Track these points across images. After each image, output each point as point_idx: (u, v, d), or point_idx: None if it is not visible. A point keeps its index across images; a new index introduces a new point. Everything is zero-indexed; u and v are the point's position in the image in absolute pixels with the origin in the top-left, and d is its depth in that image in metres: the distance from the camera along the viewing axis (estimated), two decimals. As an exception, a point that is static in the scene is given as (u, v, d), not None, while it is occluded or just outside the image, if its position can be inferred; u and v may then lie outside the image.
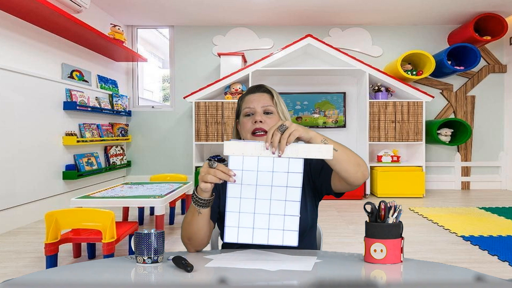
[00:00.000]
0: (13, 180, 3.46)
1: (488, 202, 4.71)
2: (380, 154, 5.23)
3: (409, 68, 5.33)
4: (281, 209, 1.01)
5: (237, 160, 1.01)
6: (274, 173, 1.00)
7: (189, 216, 1.14)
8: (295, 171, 1.00)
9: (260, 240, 1.01)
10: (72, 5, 4.07)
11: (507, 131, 5.69)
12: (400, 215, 1.00)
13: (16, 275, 2.28)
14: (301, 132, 1.00)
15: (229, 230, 1.02)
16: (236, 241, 1.01)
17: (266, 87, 1.31)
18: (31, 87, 3.69)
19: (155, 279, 0.93)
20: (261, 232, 1.01)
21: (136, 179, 5.62)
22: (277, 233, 1.01)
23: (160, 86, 10.30)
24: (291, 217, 1.01)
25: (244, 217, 1.02)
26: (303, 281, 0.87)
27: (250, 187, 1.01)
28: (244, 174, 1.01)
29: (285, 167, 1.00)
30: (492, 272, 2.36)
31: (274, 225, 1.01)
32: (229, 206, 1.02)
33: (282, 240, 1.01)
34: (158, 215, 2.73)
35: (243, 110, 1.28)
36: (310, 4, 4.91)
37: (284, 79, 5.61)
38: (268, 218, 1.01)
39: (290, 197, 1.01)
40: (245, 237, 1.01)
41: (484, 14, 5.14)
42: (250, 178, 1.01)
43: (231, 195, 1.02)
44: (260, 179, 1.01)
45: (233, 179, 1.01)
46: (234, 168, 1.01)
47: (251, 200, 1.01)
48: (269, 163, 1.00)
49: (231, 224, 1.02)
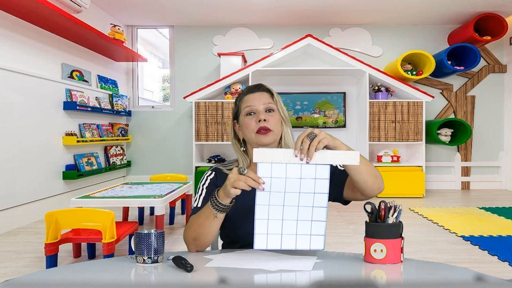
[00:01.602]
0: (13, 180, 3.46)
1: (488, 202, 4.71)
2: (380, 154, 5.23)
3: (409, 68, 5.33)
4: (308, 215, 1.02)
5: (266, 168, 1.01)
6: (302, 179, 1.01)
7: (201, 218, 1.12)
8: (322, 177, 1.01)
9: (288, 246, 1.02)
10: (72, 5, 4.07)
11: (507, 131, 5.69)
12: (400, 215, 1.00)
13: (16, 275, 2.28)
14: (329, 140, 1.02)
15: (259, 237, 1.02)
16: (265, 248, 1.02)
17: (265, 86, 1.31)
18: (31, 87, 3.69)
19: (155, 279, 0.93)
20: (289, 238, 1.02)
21: (136, 179, 5.62)
22: (304, 238, 1.02)
23: (160, 86, 10.30)
24: (318, 222, 1.02)
25: (273, 224, 1.02)
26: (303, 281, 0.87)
27: (278, 194, 1.02)
28: (273, 181, 1.02)
29: (313, 174, 1.01)
30: (492, 272, 2.36)
31: (301, 231, 1.03)
32: (258, 213, 1.02)
33: (310, 245, 1.02)
34: (158, 215, 2.73)
35: (244, 110, 1.27)
36: (310, 4, 4.91)
37: (284, 79, 5.61)
38: (296, 224, 1.02)
39: (317, 203, 1.02)
40: (274, 244, 1.03)
41: (484, 14, 5.13)
42: (279, 185, 1.02)
43: (260, 202, 1.02)
44: (288, 186, 1.02)
45: (262, 187, 1.01)
46: (263, 175, 1.01)
47: (279, 207, 1.02)
48: (297, 170, 1.01)
49: (260, 231, 1.02)
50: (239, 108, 1.30)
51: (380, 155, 5.22)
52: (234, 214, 1.18)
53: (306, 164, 1.01)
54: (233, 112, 1.34)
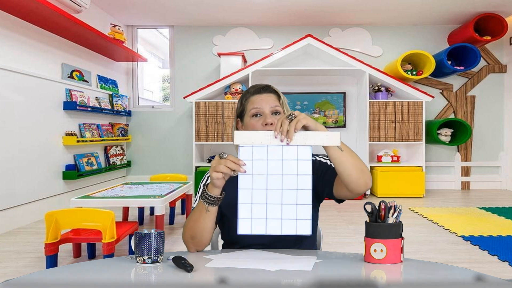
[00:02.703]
0: (13, 180, 3.46)
1: (488, 202, 4.71)
2: (380, 154, 5.23)
3: (409, 68, 5.33)
4: (293, 199, 1.01)
5: (247, 151, 1.01)
6: (284, 161, 1.01)
7: (196, 214, 1.13)
8: (304, 159, 1.00)
9: (273, 231, 1.01)
10: (72, 5, 4.07)
11: (507, 131, 5.69)
12: (400, 215, 1.00)
13: (16, 275, 2.28)
14: (308, 120, 1.01)
15: (243, 222, 1.01)
16: (250, 232, 1.00)
17: (272, 87, 1.29)
18: (31, 87, 3.69)
19: (155, 279, 0.93)
20: (275, 222, 1.01)
21: (136, 179, 5.62)
22: (290, 222, 1.00)
23: (160, 86, 10.30)
24: (304, 206, 1.00)
25: (257, 208, 1.01)
26: (303, 281, 0.87)
27: (261, 177, 1.01)
28: (254, 164, 1.01)
29: (294, 155, 1.00)
30: (492, 272, 2.36)
31: (287, 215, 1.01)
32: (241, 197, 1.01)
33: (296, 229, 1.00)
34: (158, 215, 2.73)
35: (250, 111, 1.25)
36: (310, 4, 4.91)
37: (284, 79, 5.61)
38: (281, 208, 1.01)
39: (301, 186, 1.00)
40: (259, 228, 1.01)
41: (484, 14, 5.13)
42: (261, 168, 1.01)
43: (243, 186, 1.01)
44: (270, 169, 1.01)
45: (243, 169, 1.00)
46: (244, 158, 1.01)
47: (263, 191, 1.01)
48: (278, 152, 1.01)
49: (244, 215, 1.01)
50: (245, 108, 1.28)
51: (380, 155, 5.22)
52: (232, 213, 1.18)
53: (287, 146, 1.00)
54: (237, 110, 1.32)
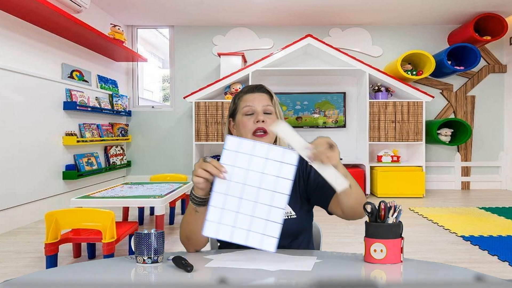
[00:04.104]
0: (13, 180, 3.46)
1: (488, 202, 4.71)
2: (380, 154, 5.23)
3: (409, 68, 5.33)
4: (264, 213, 0.99)
5: (230, 155, 1.00)
6: (264, 175, 0.99)
7: (187, 215, 1.14)
8: (285, 177, 0.99)
9: (238, 240, 0.99)
10: (72, 5, 4.07)
11: (507, 131, 5.69)
12: (400, 215, 1.00)
13: (16, 275, 2.28)
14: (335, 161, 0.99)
15: (209, 224, 1.00)
16: (215, 236, 1.00)
17: (265, 87, 1.31)
18: (31, 87, 3.69)
19: (155, 279, 0.93)
20: (241, 232, 0.99)
21: (136, 179, 5.62)
22: (257, 236, 0.99)
23: (160, 86, 10.30)
24: (274, 224, 0.98)
25: (227, 214, 1.00)
26: (303, 281, 0.87)
27: (237, 185, 1.00)
28: (234, 170, 1.00)
29: (276, 171, 0.99)
30: (492, 272, 2.35)
31: (255, 228, 0.99)
32: (213, 200, 1.00)
33: (261, 244, 0.98)
34: (158, 215, 2.73)
35: (242, 109, 1.26)
36: (310, 4, 4.91)
37: (284, 79, 5.61)
38: (251, 220, 0.99)
39: (276, 203, 0.99)
40: (224, 234, 0.99)
41: (484, 14, 5.14)
42: (239, 176, 1.00)
43: (217, 190, 1.00)
44: (249, 179, 0.99)
45: (223, 176, 0.99)
46: (226, 163, 1.00)
47: (236, 199, 1.00)
48: (260, 163, 0.99)
49: (212, 219, 1.00)
50: (237, 107, 1.30)
51: (380, 155, 5.22)
52: None
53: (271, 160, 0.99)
54: (229, 109, 1.33)
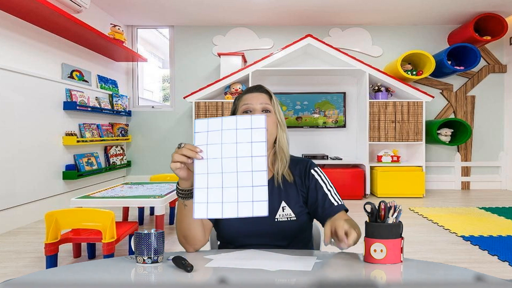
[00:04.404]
0: (13, 180, 3.46)
1: (488, 202, 4.71)
2: (380, 154, 5.23)
3: (409, 68, 5.33)
4: (248, 181, 0.99)
5: (202, 137, 1.01)
6: (238, 144, 1.00)
7: (178, 213, 1.15)
8: (258, 140, 0.99)
9: (230, 214, 0.99)
10: (72, 5, 4.07)
11: (507, 131, 5.69)
12: (400, 215, 1.00)
13: (16, 275, 2.28)
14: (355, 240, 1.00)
15: (198, 206, 1.00)
16: (206, 216, 1.00)
17: (264, 87, 1.32)
18: (31, 87, 3.69)
19: (155, 279, 0.93)
20: (231, 205, 0.99)
21: (136, 179, 5.62)
22: (246, 205, 0.99)
23: (160, 86, 10.30)
24: (259, 188, 0.99)
25: (213, 192, 1.00)
26: (303, 281, 0.87)
27: (216, 162, 1.00)
28: (209, 148, 1.01)
29: (248, 138, 1.00)
30: (492, 272, 2.36)
31: (243, 197, 0.99)
32: (197, 183, 1.01)
33: (252, 211, 0.98)
34: (158, 215, 2.73)
35: (241, 107, 1.28)
36: (310, 4, 4.91)
37: (284, 79, 5.61)
38: (237, 191, 1.00)
39: (256, 167, 0.99)
40: (215, 212, 1.00)
41: (484, 14, 5.13)
42: (215, 152, 1.00)
43: (198, 171, 1.01)
44: (224, 152, 1.00)
45: (199, 156, 1.00)
46: (200, 144, 1.01)
47: (218, 175, 1.00)
48: (232, 135, 1.00)
49: (200, 200, 1.00)
50: (236, 106, 1.32)
51: (380, 155, 5.22)
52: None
53: (242, 129, 1.00)
54: (231, 110, 1.36)
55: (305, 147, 5.61)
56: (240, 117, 1.01)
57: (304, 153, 5.55)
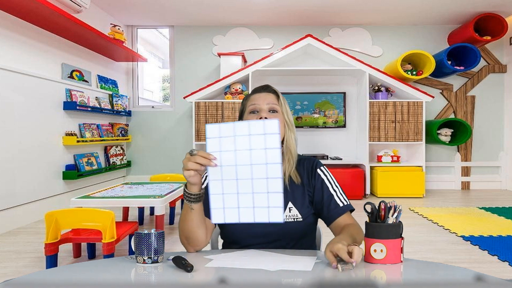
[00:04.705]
0: (13, 180, 3.46)
1: (488, 202, 4.71)
2: (380, 154, 5.23)
3: (409, 68, 5.33)
4: (263, 187, 0.99)
5: (215, 142, 1.00)
6: (252, 151, 0.99)
7: (183, 215, 1.14)
8: (272, 147, 0.99)
9: (246, 219, 1.00)
10: (72, 5, 4.07)
11: (507, 131, 5.69)
12: (400, 215, 1.00)
13: (16, 275, 2.28)
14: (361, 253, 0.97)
15: (215, 211, 1.01)
16: (223, 221, 1.01)
17: (272, 87, 1.32)
18: (31, 87, 3.69)
19: (155, 279, 0.93)
20: (247, 211, 1.00)
21: (136, 179, 5.62)
22: (262, 210, 0.99)
23: (160, 86, 10.30)
24: (275, 194, 0.99)
25: (228, 198, 1.01)
26: (303, 281, 0.87)
27: (230, 168, 1.00)
28: (223, 155, 1.00)
29: (262, 144, 0.99)
30: (492, 272, 2.36)
31: (258, 203, 1.00)
32: (212, 189, 1.01)
33: (268, 217, 0.99)
34: (158, 215, 2.73)
35: (248, 107, 1.28)
36: (310, 4, 4.91)
37: (284, 79, 5.61)
38: (252, 197, 1.00)
39: (271, 174, 0.99)
40: (232, 217, 1.01)
41: (484, 14, 5.14)
42: (229, 159, 1.00)
43: (213, 178, 1.01)
44: (239, 159, 1.00)
45: (213, 163, 1.00)
46: (212, 150, 1.00)
47: (233, 181, 1.00)
48: (245, 141, 0.99)
49: (217, 206, 1.01)
50: (244, 107, 1.31)
51: (380, 155, 5.22)
52: None
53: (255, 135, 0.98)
54: (239, 111, 1.35)
55: (305, 147, 5.61)
56: (253, 122, 0.99)
57: (304, 153, 5.55)
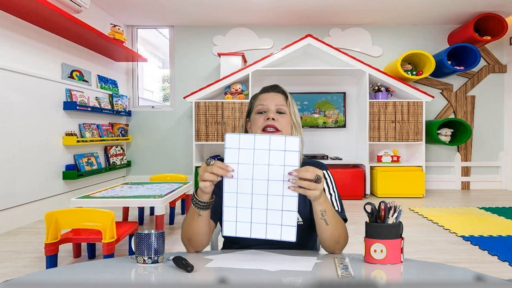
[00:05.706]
0: (13, 180, 3.46)
1: (488, 202, 4.71)
2: (380, 154, 5.23)
3: (409, 68, 5.33)
4: (278, 204, 0.99)
5: (233, 153, 0.99)
6: (270, 166, 0.98)
7: (189, 218, 1.13)
8: (291, 165, 0.98)
9: (258, 235, 1.00)
10: (72, 5, 4.07)
11: (507, 131, 5.69)
12: (400, 215, 1.00)
13: (16, 275, 2.28)
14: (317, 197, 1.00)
15: (227, 224, 1.01)
16: (234, 235, 1.00)
17: (281, 87, 1.31)
18: (31, 87, 3.69)
19: (155, 279, 0.93)
20: (259, 226, 0.99)
21: (136, 179, 5.62)
22: (275, 228, 0.99)
23: (160, 86, 10.30)
24: (289, 212, 0.98)
25: (242, 211, 1.00)
26: (303, 281, 0.87)
27: (246, 182, 0.99)
28: (240, 167, 0.99)
29: (281, 160, 0.98)
30: (492, 272, 2.36)
31: (272, 220, 0.99)
32: (226, 201, 1.00)
33: (280, 235, 0.99)
34: (158, 215, 2.73)
35: (256, 108, 1.27)
36: (310, 4, 4.91)
37: (284, 79, 5.61)
38: (266, 213, 0.99)
39: (287, 192, 0.98)
40: (243, 232, 1.00)
41: (484, 14, 5.13)
42: (246, 172, 0.99)
43: (228, 190, 1.00)
44: (256, 173, 0.99)
45: (230, 175, 0.99)
46: (230, 162, 0.99)
47: (248, 195, 1.00)
48: (264, 156, 0.99)
49: (229, 218, 1.01)
50: (252, 106, 1.31)
51: (380, 155, 5.22)
52: None
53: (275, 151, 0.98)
54: (247, 109, 1.35)
55: (305, 147, 5.61)
56: (274, 137, 0.98)
57: (304, 153, 5.54)
